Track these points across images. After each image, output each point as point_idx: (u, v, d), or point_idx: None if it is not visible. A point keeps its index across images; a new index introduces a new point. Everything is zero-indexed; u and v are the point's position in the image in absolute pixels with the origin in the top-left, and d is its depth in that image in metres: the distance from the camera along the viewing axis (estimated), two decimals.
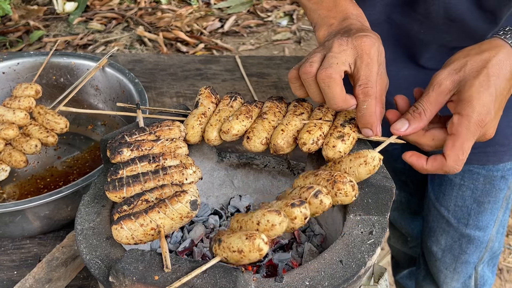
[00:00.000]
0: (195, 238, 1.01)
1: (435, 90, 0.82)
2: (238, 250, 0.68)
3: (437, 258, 1.50)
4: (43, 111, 1.27)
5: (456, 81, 0.81)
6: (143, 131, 0.90)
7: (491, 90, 0.78)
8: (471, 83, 0.79)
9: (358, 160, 0.80)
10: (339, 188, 0.76)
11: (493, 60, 0.80)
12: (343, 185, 0.76)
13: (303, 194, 0.76)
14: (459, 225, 1.39)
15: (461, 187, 1.33)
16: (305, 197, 0.75)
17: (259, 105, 0.95)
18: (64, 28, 3.89)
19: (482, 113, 0.78)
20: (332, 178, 0.78)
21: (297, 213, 0.71)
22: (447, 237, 1.44)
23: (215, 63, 1.81)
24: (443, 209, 1.40)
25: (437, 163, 0.81)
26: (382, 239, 0.77)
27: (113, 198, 0.81)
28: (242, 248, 0.68)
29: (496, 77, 0.79)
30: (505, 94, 0.82)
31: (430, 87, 0.83)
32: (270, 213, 0.70)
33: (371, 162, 0.79)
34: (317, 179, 0.80)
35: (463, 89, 0.80)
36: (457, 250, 1.44)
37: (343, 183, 0.77)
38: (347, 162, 0.81)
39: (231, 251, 0.69)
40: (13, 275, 1.09)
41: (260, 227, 0.70)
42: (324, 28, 0.92)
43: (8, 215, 1.07)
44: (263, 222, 0.70)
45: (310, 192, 0.75)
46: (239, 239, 0.69)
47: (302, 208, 0.72)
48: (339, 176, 0.78)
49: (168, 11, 4.10)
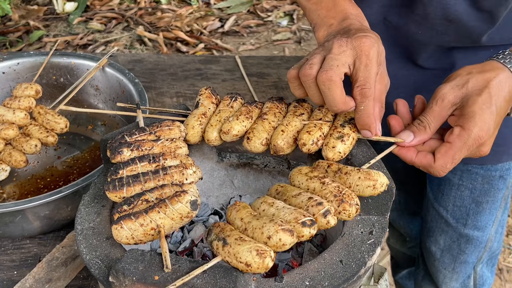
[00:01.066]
0: (195, 238, 1.01)
1: (438, 105, 0.84)
2: (245, 263, 0.68)
3: (436, 258, 1.50)
4: (43, 111, 1.27)
5: (459, 96, 0.83)
6: (143, 131, 0.90)
7: (493, 108, 0.81)
8: (474, 100, 0.81)
9: (367, 182, 0.79)
10: (345, 208, 0.76)
11: (494, 81, 0.82)
12: (350, 207, 0.76)
13: (312, 208, 0.75)
14: (457, 225, 1.39)
15: (460, 187, 1.33)
16: (313, 213, 0.74)
17: (259, 106, 0.95)
18: (64, 28, 3.89)
19: (483, 129, 0.80)
20: (340, 195, 0.77)
21: (306, 233, 0.71)
22: (446, 237, 1.44)
23: (215, 63, 1.81)
24: (442, 209, 1.40)
25: (426, 161, 0.84)
26: (382, 239, 0.77)
27: (113, 198, 0.81)
28: (251, 263, 0.68)
29: (497, 97, 0.82)
30: (502, 114, 0.85)
31: (434, 101, 0.85)
32: (284, 232, 0.69)
33: (379, 188, 0.79)
34: (324, 190, 0.78)
35: (466, 104, 0.82)
36: (456, 250, 1.44)
37: (350, 205, 0.76)
38: (355, 179, 0.80)
39: (237, 261, 0.69)
40: (13, 275, 1.09)
41: (270, 242, 0.69)
42: (324, 28, 0.92)
43: (8, 215, 1.07)
44: (274, 239, 0.69)
45: (320, 210, 0.74)
46: (248, 253, 0.68)
47: (311, 229, 0.71)
48: (348, 196, 0.77)
49: (168, 11, 4.10)
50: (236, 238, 0.70)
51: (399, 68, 1.19)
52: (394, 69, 1.16)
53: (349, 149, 0.87)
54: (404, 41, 1.15)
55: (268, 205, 0.77)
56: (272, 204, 0.77)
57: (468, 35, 1.06)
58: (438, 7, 1.02)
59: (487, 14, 1.02)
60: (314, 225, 0.72)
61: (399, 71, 1.19)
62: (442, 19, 1.04)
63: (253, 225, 0.72)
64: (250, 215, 0.74)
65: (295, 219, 0.72)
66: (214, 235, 0.73)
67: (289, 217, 0.72)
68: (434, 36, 1.09)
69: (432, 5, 1.02)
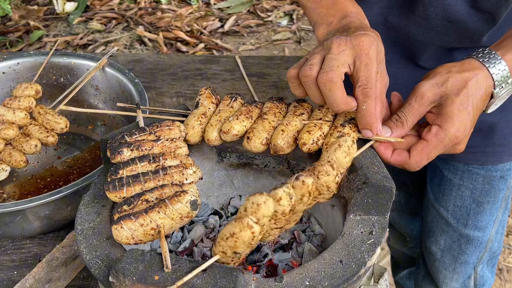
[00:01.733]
0: (195, 238, 1.01)
1: (417, 101, 0.85)
2: (230, 235, 0.68)
3: (436, 258, 1.50)
4: (43, 111, 1.27)
5: (438, 94, 0.84)
6: (143, 131, 0.90)
7: (469, 109, 0.83)
8: (452, 100, 0.83)
9: (333, 146, 0.79)
10: (319, 170, 0.76)
11: (472, 81, 0.84)
12: (322, 167, 0.76)
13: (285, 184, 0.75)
14: (458, 225, 1.39)
15: (460, 187, 1.33)
16: (288, 184, 0.74)
17: (259, 106, 0.95)
18: (64, 28, 3.89)
19: (460, 130, 0.82)
20: (312, 166, 0.77)
21: (281, 193, 0.70)
22: (446, 237, 1.44)
23: (215, 63, 1.81)
24: (442, 209, 1.40)
25: (401, 159, 0.86)
26: (382, 239, 0.77)
27: (113, 198, 0.81)
28: (233, 231, 0.68)
29: (474, 97, 0.84)
30: (478, 113, 0.86)
31: (413, 97, 0.86)
32: (253, 196, 0.69)
33: (343, 144, 0.79)
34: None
35: (444, 103, 0.83)
36: (456, 250, 1.44)
37: (322, 165, 0.76)
38: (324, 154, 0.80)
39: (225, 240, 0.69)
40: (13, 275, 1.09)
41: (247, 212, 0.69)
42: (323, 26, 0.92)
43: (8, 215, 1.07)
44: (249, 206, 0.69)
45: (292, 178, 0.74)
46: (229, 225, 0.69)
47: (284, 188, 0.71)
48: (318, 162, 0.77)
49: (168, 11, 4.10)
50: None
51: (399, 69, 1.19)
52: (395, 69, 1.16)
53: None
54: (405, 42, 1.15)
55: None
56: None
57: (468, 35, 1.06)
58: (438, 7, 1.02)
59: (487, 15, 1.02)
60: (286, 185, 0.72)
61: (400, 72, 1.19)
62: (442, 20, 1.04)
63: (235, 217, 0.73)
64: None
65: (268, 191, 0.72)
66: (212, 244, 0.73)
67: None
68: (434, 37, 1.09)
69: (433, 6, 1.03)
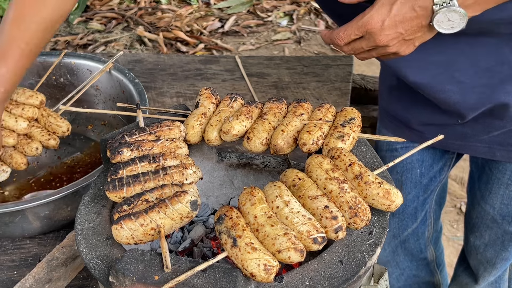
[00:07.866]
0: (195, 238, 1.01)
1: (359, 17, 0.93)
2: (251, 273, 0.68)
3: (479, 252, 1.53)
4: (46, 113, 1.26)
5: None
6: (143, 131, 0.90)
7: (393, 8, 0.88)
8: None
9: (384, 201, 0.78)
10: (356, 222, 0.75)
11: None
12: (361, 222, 0.75)
13: (325, 220, 0.74)
14: (503, 222, 1.41)
15: (509, 186, 1.35)
16: (326, 225, 0.74)
17: (259, 106, 0.95)
18: (64, 28, 3.89)
19: (374, 18, 0.89)
20: (355, 208, 0.75)
21: (314, 248, 0.72)
22: (491, 233, 1.47)
23: (215, 63, 1.81)
24: (489, 206, 1.42)
25: (329, 33, 0.97)
26: (382, 239, 0.77)
27: (113, 198, 0.81)
28: (256, 275, 0.68)
29: (403, 5, 0.88)
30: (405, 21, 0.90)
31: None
32: (295, 252, 0.69)
33: (392, 208, 0.78)
34: (341, 197, 0.77)
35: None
36: (499, 246, 1.47)
37: (362, 220, 0.75)
38: (373, 193, 0.78)
39: (243, 267, 0.69)
40: (13, 275, 1.09)
41: (278, 256, 0.70)
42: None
43: (8, 215, 1.07)
44: (284, 255, 0.69)
45: (333, 225, 0.73)
46: (256, 265, 0.68)
47: (320, 245, 0.72)
48: (362, 211, 0.76)
49: (168, 11, 4.10)
50: (246, 243, 0.70)
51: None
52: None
53: (349, 149, 0.87)
54: None
55: (283, 204, 0.76)
56: (288, 203, 0.76)
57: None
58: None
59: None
60: (324, 242, 0.72)
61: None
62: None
63: (266, 231, 0.71)
64: (265, 215, 0.73)
65: (308, 233, 0.71)
66: (225, 228, 0.73)
67: (302, 228, 0.72)
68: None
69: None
